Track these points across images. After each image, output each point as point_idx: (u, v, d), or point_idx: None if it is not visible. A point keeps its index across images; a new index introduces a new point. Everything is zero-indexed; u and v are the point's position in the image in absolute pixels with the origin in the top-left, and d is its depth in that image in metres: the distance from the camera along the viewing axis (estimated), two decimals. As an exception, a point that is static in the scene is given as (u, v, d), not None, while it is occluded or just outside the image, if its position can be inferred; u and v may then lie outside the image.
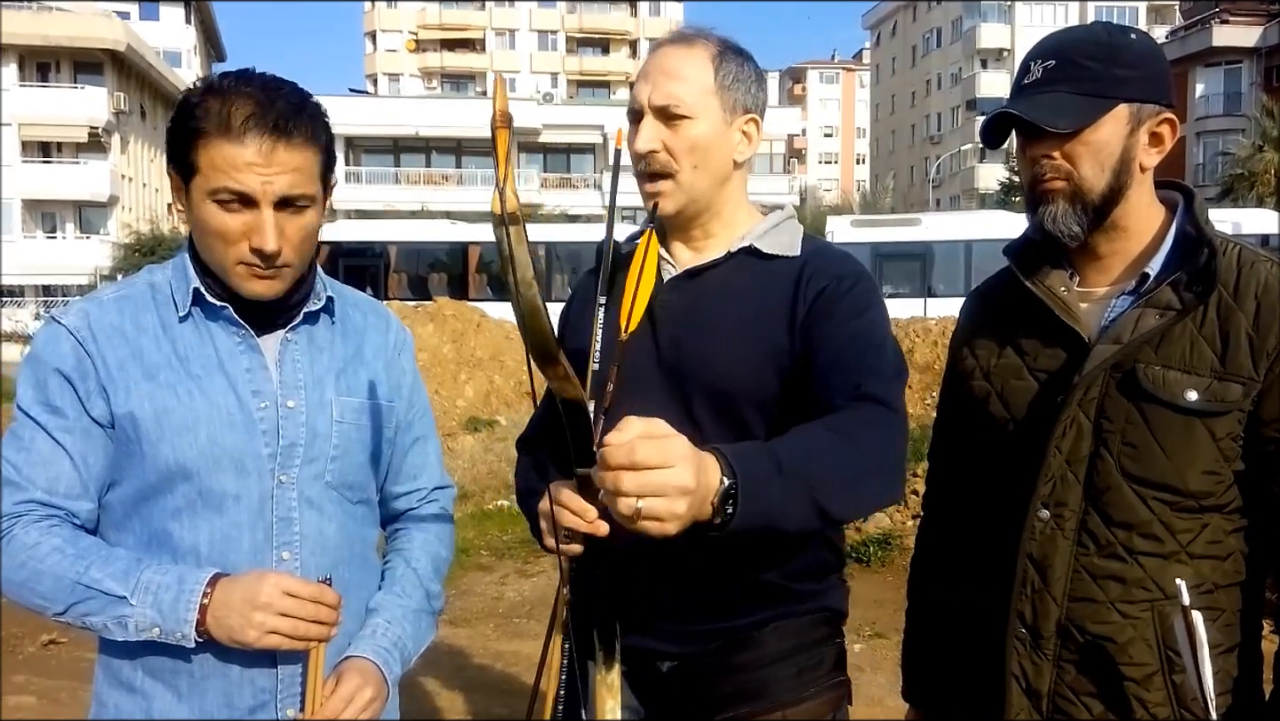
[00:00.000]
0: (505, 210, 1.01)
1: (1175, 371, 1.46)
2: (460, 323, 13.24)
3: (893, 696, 4.42)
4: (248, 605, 1.36)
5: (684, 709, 1.57)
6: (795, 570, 1.57)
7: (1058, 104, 1.48)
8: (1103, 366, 1.50)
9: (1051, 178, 1.52)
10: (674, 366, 1.56)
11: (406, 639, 1.59)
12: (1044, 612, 1.54)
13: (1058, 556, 1.53)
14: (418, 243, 23.79)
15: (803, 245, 1.62)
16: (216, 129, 1.38)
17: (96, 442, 1.44)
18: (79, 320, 1.46)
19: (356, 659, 1.51)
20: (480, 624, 5.52)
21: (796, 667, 1.56)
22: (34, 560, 1.39)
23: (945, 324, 12.58)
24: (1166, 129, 1.52)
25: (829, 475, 1.23)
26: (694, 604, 1.55)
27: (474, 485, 8.33)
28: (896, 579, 6.17)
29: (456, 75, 61.76)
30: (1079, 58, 1.49)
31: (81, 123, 38.39)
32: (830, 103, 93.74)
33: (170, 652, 1.42)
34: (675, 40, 1.60)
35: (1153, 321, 1.48)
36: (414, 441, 1.70)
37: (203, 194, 1.40)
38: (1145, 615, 1.49)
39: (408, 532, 1.72)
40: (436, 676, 4.64)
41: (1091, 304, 1.58)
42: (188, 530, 1.44)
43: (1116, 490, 1.49)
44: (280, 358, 1.52)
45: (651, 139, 1.54)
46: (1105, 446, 1.50)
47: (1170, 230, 1.55)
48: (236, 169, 1.38)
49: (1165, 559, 1.48)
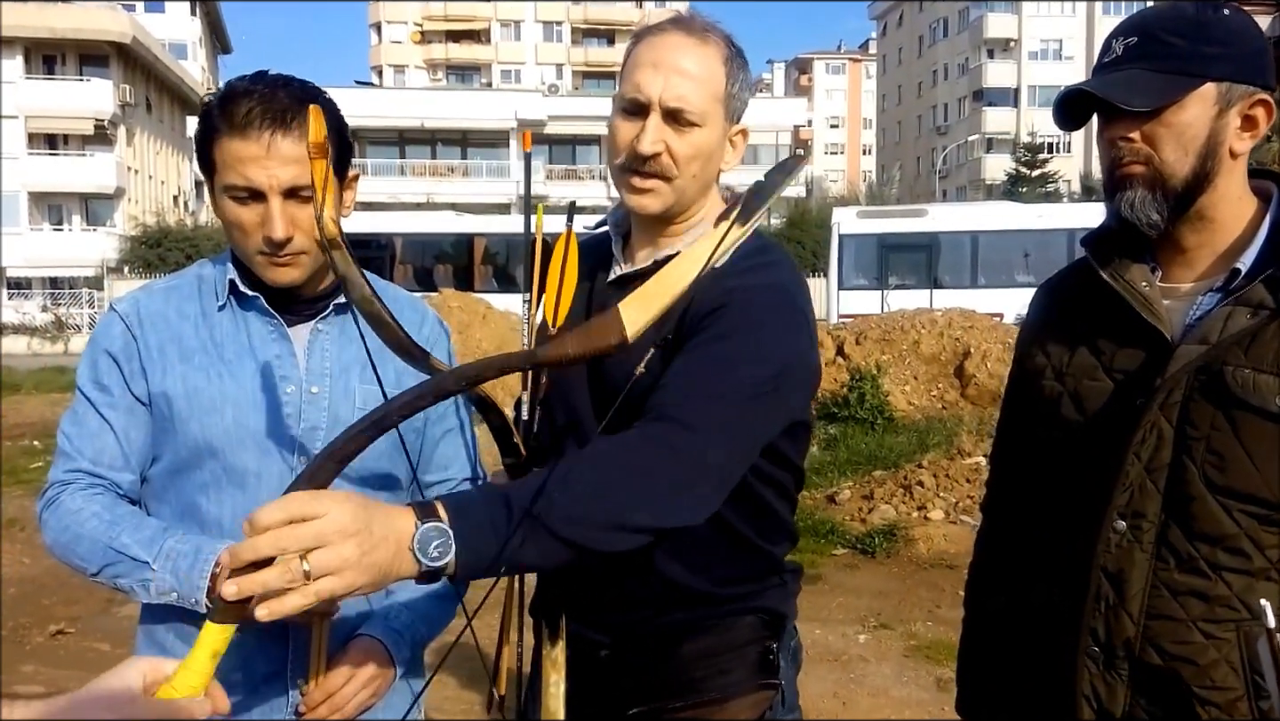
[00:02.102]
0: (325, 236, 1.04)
1: (1267, 375, 1.35)
2: (466, 314, 13.27)
3: (897, 687, 4.45)
4: None
5: (614, 695, 1.58)
6: (722, 575, 1.54)
7: (1136, 82, 1.39)
8: (1188, 369, 1.39)
9: (1130, 161, 1.42)
10: (597, 369, 1.52)
11: (420, 621, 1.63)
12: (1118, 630, 1.44)
13: (1135, 570, 1.43)
14: (423, 234, 23.83)
15: (735, 258, 1.50)
16: (225, 127, 1.47)
17: (139, 419, 1.57)
18: (130, 306, 1.60)
19: (364, 637, 1.55)
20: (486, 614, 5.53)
21: (718, 668, 1.55)
22: (76, 524, 1.51)
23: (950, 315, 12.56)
24: (1261, 111, 1.41)
25: (575, 509, 1.20)
26: (629, 598, 1.55)
27: (480, 476, 8.35)
28: (901, 570, 6.18)
29: (462, 67, 61.68)
30: (1162, 33, 1.40)
31: (87, 115, 38.49)
32: (836, 93, 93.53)
33: (195, 619, 1.47)
34: (686, 31, 1.51)
35: (1244, 321, 1.38)
36: (445, 433, 1.73)
37: (220, 190, 1.50)
38: (1229, 635, 1.38)
39: None
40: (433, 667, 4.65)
41: (1175, 300, 1.47)
42: (214, 504, 1.54)
43: (1200, 501, 1.39)
44: (309, 346, 1.60)
45: (657, 141, 1.47)
46: (1188, 454, 1.39)
47: (1264, 223, 1.45)
48: (243, 163, 1.46)
49: (1252, 576, 1.38)
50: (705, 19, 1.54)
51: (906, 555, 6.40)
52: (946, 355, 12.69)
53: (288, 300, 1.59)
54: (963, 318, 13.16)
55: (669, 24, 1.53)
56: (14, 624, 5.06)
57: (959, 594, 4.39)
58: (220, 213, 1.54)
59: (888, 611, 5.30)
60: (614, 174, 1.56)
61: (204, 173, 1.55)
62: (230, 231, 1.53)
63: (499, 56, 60.65)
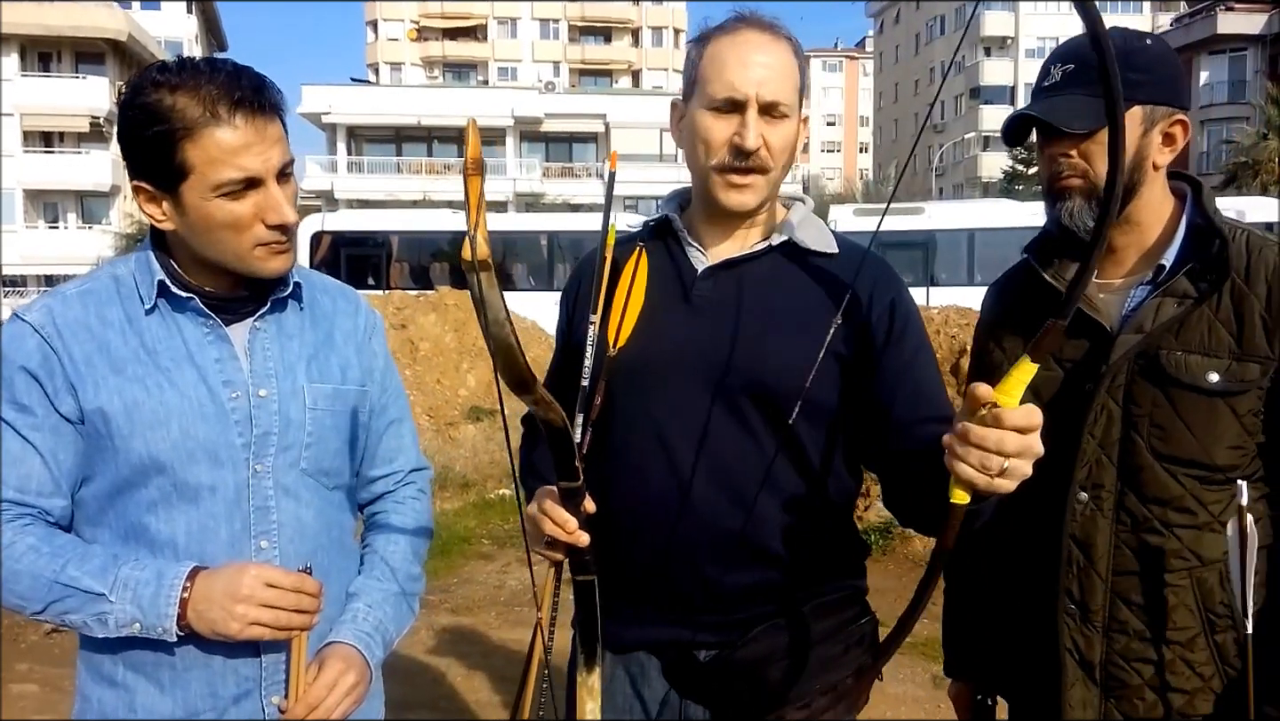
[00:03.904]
0: (476, 257, 1.03)
1: (1196, 355, 1.55)
2: (462, 312, 13.23)
3: (893, 684, 4.45)
4: (229, 597, 1.37)
5: (730, 698, 1.56)
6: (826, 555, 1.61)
7: (1074, 106, 1.56)
8: (1128, 355, 1.58)
9: (1069, 175, 1.60)
10: (716, 359, 1.54)
11: (388, 622, 1.59)
12: (1090, 588, 1.63)
13: (1099, 535, 1.62)
14: (420, 232, 23.73)
15: (837, 242, 1.63)
16: (203, 122, 1.35)
17: (66, 439, 1.43)
18: (43, 316, 1.43)
19: (338, 644, 1.51)
20: (482, 612, 5.54)
21: (842, 646, 1.61)
22: (9, 560, 1.39)
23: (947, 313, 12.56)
24: (1179, 129, 1.61)
25: None
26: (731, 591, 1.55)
27: (476, 474, 8.34)
28: (897, 567, 6.18)
29: (458, 64, 61.57)
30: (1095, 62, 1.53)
31: (83, 112, 38.36)
32: (833, 91, 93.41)
33: (151, 646, 1.42)
34: (760, 28, 1.55)
35: (1172, 310, 1.57)
36: (389, 425, 1.69)
37: (204, 192, 1.38)
38: (1184, 582, 1.58)
39: (385, 516, 1.71)
40: (438, 663, 4.66)
41: (1110, 295, 1.65)
42: (164, 523, 1.43)
43: (1149, 469, 1.58)
44: (250, 346, 1.51)
45: (759, 136, 1.52)
46: (1135, 429, 1.59)
47: (1181, 221, 1.63)
48: (236, 154, 1.37)
49: (1199, 529, 1.57)
50: (774, 17, 1.58)
51: (902, 552, 6.41)
52: (943, 352, 12.63)
53: (222, 299, 1.48)
54: (959, 315, 13.15)
55: (738, 23, 1.56)
56: (9, 622, 5.05)
57: (955, 591, 4.41)
58: (197, 217, 1.40)
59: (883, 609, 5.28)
60: (703, 173, 1.57)
61: (155, 183, 1.40)
62: (212, 234, 1.41)
63: (495, 54, 60.53)
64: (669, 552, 1.53)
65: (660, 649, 1.58)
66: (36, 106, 38.13)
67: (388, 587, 1.61)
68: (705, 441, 1.52)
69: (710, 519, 1.52)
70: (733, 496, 1.52)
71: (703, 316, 1.57)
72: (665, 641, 1.57)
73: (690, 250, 1.62)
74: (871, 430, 1.56)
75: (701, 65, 1.55)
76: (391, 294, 13.82)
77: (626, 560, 1.56)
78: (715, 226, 1.62)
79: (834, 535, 1.62)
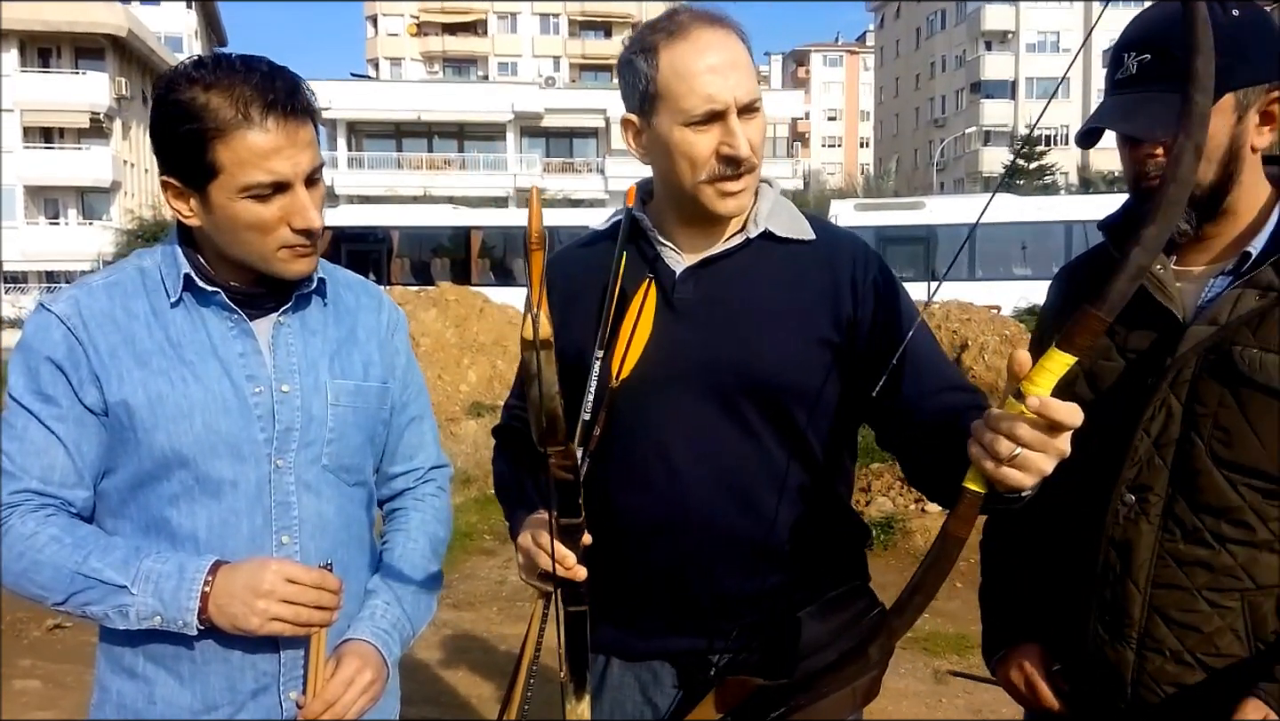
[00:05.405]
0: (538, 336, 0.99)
1: (1275, 355, 1.39)
2: (463, 308, 13.22)
3: (894, 678, 4.45)
4: (250, 592, 1.37)
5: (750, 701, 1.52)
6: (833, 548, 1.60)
7: (1155, 114, 1.39)
8: (1197, 348, 1.44)
9: (1156, 175, 1.45)
10: (708, 362, 1.50)
11: (405, 620, 1.59)
12: (1127, 599, 1.49)
13: (1141, 541, 1.48)
14: (420, 227, 23.75)
15: (812, 226, 1.59)
16: (235, 123, 1.35)
17: (90, 430, 1.43)
18: (69, 307, 1.43)
19: (356, 641, 1.51)
20: (484, 607, 5.54)
21: (856, 639, 1.57)
22: (32, 550, 1.39)
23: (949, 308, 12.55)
24: (1278, 106, 1.44)
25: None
26: (745, 597, 1.53)
27: (477, 470, 8.34)
28: (899, 562, 6.18)
29: (458, 59, 61.50)
30: (1177, 50, 1.33)
31: (83, 108, 38.36)
32: (834, 85, 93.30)
33: (172, 638, 1.42)
34: (712, 23, 1.49)
35: (1252, 302, 1.42)
36: (410, 421, 1.68)
37: (231, 193, 1.38)
38: (1234, 604, 1.43)
39: (405, 513, 1.71)
40: (440, 659, 4.66)
41: (1187, 283, 1.51)
42: (185, 516, 1.43)
43: (1206, 475, 1.43)
44: (273, 342, 1.50)
45: (746, 140, 1.47)
46: (1195, 430, 1.43)
47: (1276, 208, 1.48)
48: (266, 158, 1.36)
49: (1256, 547, 1.41)
50: (711, 6, 1.53)
51: (904, 547, 6.40)
52: (944, 347, 12.67)
53: (246, 294, 1.49)
54: (960, 310, 13.16)
55: (690, 21, 1.49)
56: (11, 618, 5.06)
57: (956, 586, 4.41)
58: (223, 217, 1.40)
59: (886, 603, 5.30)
60: (691, 188, 1.50)
61: (190, 181, 1.40)
62: (238, 234, 1.42)
63: (496, 49, 60.45)
64: (681, 564, 1.52)
65: (675, 657, 1.57)
66: (36, 102, 38.10)
67: (406, 585, 1.61)
68: (707, 447, 1.50)
69: (721, 528, 1.51)
70: (741, 502, 1.51)
71: (688, 320, 1.53)
72: (681, 651, 1.56)
73: (664, 250, 1.57)
74: (883, 412, 1.50)
75: (661, 78, 1.47)
76: (392, 289, 13.83)
77: (636, 572, 1.54)
78: (692, 226, 1.57)
79: (840, 527, 1.61)
